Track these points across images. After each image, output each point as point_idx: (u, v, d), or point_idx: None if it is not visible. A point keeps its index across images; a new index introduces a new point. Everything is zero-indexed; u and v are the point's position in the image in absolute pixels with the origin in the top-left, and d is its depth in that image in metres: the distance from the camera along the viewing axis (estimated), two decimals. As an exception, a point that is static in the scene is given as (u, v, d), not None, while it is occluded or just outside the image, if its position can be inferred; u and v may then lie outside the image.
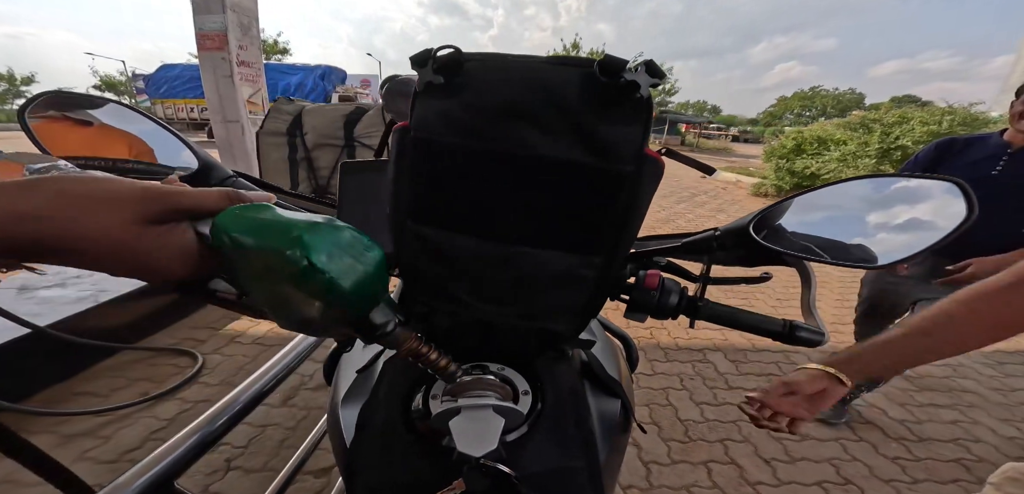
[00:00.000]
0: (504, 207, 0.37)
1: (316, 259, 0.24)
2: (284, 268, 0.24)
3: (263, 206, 0.27)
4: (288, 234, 0.25)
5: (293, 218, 0.26)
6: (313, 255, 0.24)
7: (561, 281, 0.39)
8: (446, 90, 0.35)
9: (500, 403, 0.40)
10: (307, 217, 0.27)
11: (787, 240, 0.44)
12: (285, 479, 0.97)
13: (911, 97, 52.39)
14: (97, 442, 1.54)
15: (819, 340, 0.44)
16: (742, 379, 2.10)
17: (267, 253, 0.25)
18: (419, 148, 0.37)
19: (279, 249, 0.24)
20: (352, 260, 0.26)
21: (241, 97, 4.09)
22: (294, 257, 0.24)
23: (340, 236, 0.26)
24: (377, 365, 0.57)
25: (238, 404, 0.67)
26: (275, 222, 0.26)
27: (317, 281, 0.24)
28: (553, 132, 0.34)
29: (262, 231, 0.25)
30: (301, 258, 0.24)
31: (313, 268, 0.24)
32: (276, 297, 0.27)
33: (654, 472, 1.54)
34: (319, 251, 0.25)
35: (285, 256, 0.24)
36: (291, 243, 0.24)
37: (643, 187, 0.36)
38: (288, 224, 0.25)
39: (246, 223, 0.26)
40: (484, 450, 0.35)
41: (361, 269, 0.26)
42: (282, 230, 0.25)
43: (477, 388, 0.41)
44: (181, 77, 16.38)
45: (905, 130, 6.43)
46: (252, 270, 0.26)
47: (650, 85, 0.32)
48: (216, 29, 3.82)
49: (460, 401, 0.40)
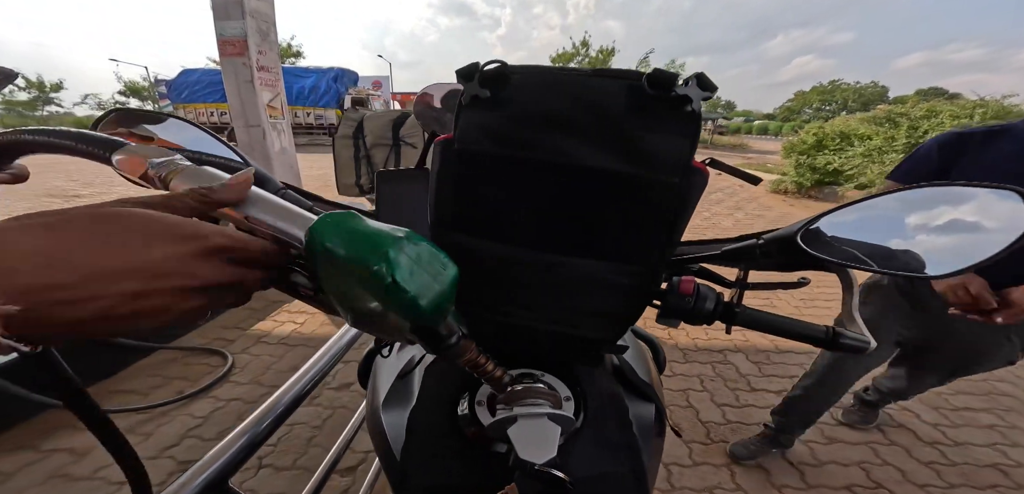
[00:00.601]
0: (549, 217, 0.37)
1: (400, 277, 0.25)
2: (369, 280, 0.25)
3: (351, 215, 0.28)
4: (376, 249, 0.26)
5: (380, 231, 0.27)
6: (398, 273, 0.25)
7: (603, 289, 0.40)
8: (491, 103, 0.36)
9: (554, 411, 0.41)
10: (391, 230, 0.27)
11: (831, 247, 0.43)
12: (321, 478, 1.00)
13: (938, 90, 50.37)
14: (139, 438, 1.63)
15: (864, 346, 0.44)
16: (765, 380, 2.07)
17: (355, 264, 0.26)
18: (464, 160, 0.38)
19: (366, 263, 0.25)
20: (430, 278, 0.27)
21: (262, 102, 4.18)
22: (380, 273, 0.25)
23: (421, 252, 0.27)
24: (415, 371, 0.58)
25: (281, 406, 0.69)
26: (365, 234, 0.27)
27: (398, 298, 0.25)
28: (600, 143, 0.34)
29: (353, 242, 0.26)
30: (386, 275, 0.25)
31: (396, 285, 0.25)
32: (354, 301, 0.28)
33: (675, 474, 1.53)
34: (403, 269, 0.25)
35: (372, 271, 0.25)
36: (379, 258, 0.25)
37: (689, 198, 0.36)
38: (376, 238, 0.26)
39: (339, 233, 0.27)
40: (545, 457, 0.36)
41: (437, 287, 0.27)
42: (371, 244, 0.26)
43: (529, 397, 0.42)
44: (201, 82, 16.57)
45: (934, 124, 6.19)
46: (337, 276, 0.27)
47: (702, 98, 0.33)
48: (236, 35, 3.90)
49: (516, 409, 0.41)
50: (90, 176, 7.72)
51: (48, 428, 1.62)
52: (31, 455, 1.53)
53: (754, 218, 5.77)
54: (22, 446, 1.55)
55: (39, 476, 1.46)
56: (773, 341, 2.40)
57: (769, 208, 6.55)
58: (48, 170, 8.09)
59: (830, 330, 0.45)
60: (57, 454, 1.54)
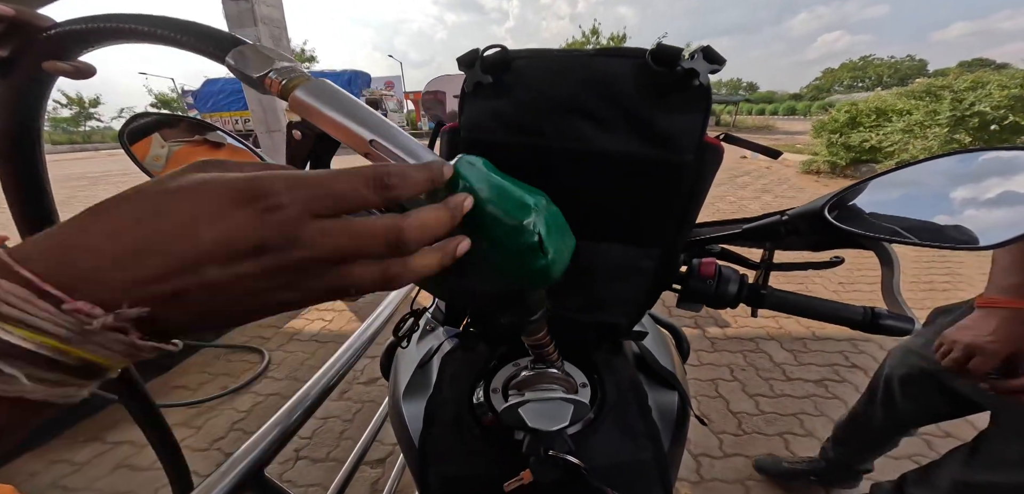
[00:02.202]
0: (563, 202, 0.37)
1: (546, 240, 0.24)
2: (509, 237, 0.24)
3: (487, 164, 0.26)
4: (524, 205, 0.24)
5: (522, 186, 0.26)
6: (545, 234, 0.24)
7: (621, 273, 0.39)
8: (495, 89, 0.35)
9: (568, 397, 0.41)
10: (530, 189, 0.26)
11: (865, 222, 0.41)
12: (350, 470, 1.04)
13: (983, 61, 47.00)
14: (191, 432, 1.74)
15: (907, 328, 0.41)
16: (802, 370, 1.98)
17: (498, 216, 0.24)
18: (471, 149, 0.37)
19: (515, 219, 0.24)
20: (562, 241, 0.26)
21: (280, 107, 4.32)
22: (528, 230, 0.23)
23: (554, 215, 0.26)
24: (433, 361, 0.59)
25: (309, 399, 0.71)
26: (510, 188, 0.25)
27: (537, 261, 0.24)
28: (609, 125, 0.33)
29: (499, 192, 0.24)
30: (533, 234, 0.24)
31: (540, 246, 0.24)
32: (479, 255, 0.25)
33: (705, 465, 1.49)
34: (548, 231, 0.24)
35: (520, 228, 0.23)
36: (527, 214, 0.24)
37: (703, 175, 0.35)
38: (522, 194, 0.25)
39: (483, 180, 0.25)
40: (556, 426, 0.36)
41: (567, 253, 0.27)
42: (518, 199, 0.24)
43: (542, 382, 0.42)
44: (224, 91, 17.26)
45: (981, 95, 5.77)
46: (474, 223, 0.24)
47: (709, 71, 0.31)
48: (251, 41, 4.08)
49: (527, 394, 0.41)
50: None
51: (111, 422, 1.74)
52: (99, 446, 1.66)
53: (785, 201, 5.50)
54: (91, 439, 1.68)
55: (107, 467, 1.57)
56: (809, 327, 2.31)
57: (801, 189, 6.27)
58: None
59: (869, 312, 0.42)
60: (121, 446, 1.66)
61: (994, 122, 5.58)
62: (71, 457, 1.60)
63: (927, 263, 3.19)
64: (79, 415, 1.74)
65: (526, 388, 0.42)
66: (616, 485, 0.38)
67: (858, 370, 1.96)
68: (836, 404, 1.74)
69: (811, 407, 1.74)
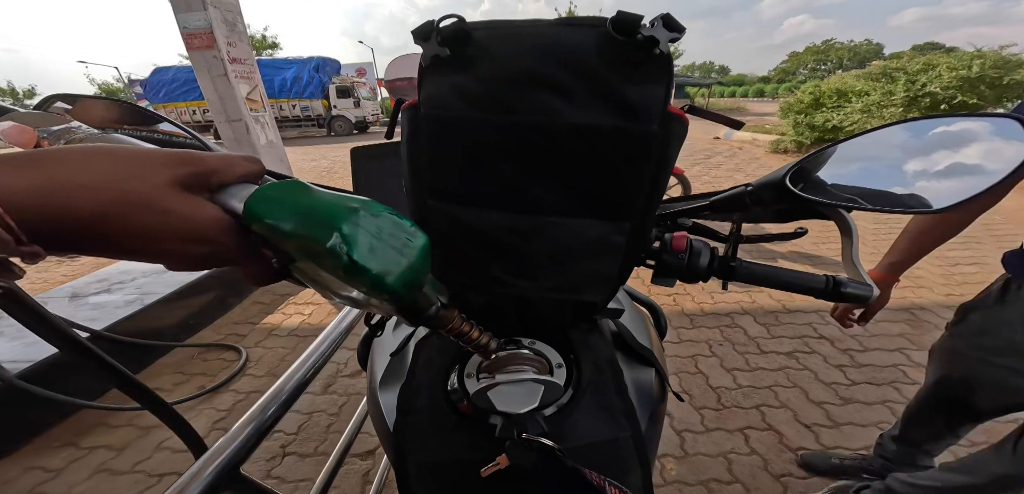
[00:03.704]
0: (530, 178, 0.36)
1: (359, 256, 0.23)
2: (325, 260, 0.23)
3: (297, 185, 0.25)
4: (328, 225, 0.23)
5: (331, 202, 0.24)
6: (355, 251, 0.23)
7: (592, 249, 0.39)
8: (455, 63, 0.33)
9: (538, 377, 0.40)
10: (346, 201, 0.25)
11: (826, 191, 0.42)
12: (334, 463, 1.03)
13: (934, 45, 49.67)
14: (170, 433, 1.66)
15: (867, 294, 0.42)
16: (775, 342, 2.09)
17: (305, 241, 0.23)
18: (433, 125, 0.36)
19: (319, 242, 0.23)
20: (395, 251, 0.25)
21: (240, 95, 4.10)
22: (336, 250, 0.23)
23: (382, 224, 0.25)
24: (409, 347, 0.57)
25: (284, 393, 0.69)
26: (312, 208, 0.24)
27: (361, 277, 0.23)
28: (573, 97, 0.32)
29: (299, 217, 0.23)
30: (342, 254, 0.23)
31: (355, 265, 0.23)
32: (318, 280, 0.26)
33: (688, 441, 1.54)
34: (361, 245, 0.23)
35: (326, 250, 0.23)
36: (330, 235, 0.23)
37: (669, 146, 0.35)
38: (327, 211, 0.24)
39: (281, 207, 0.24)
40: (525, 408, 0.36)
41: (405, 261, 0.25)
42: (321, 219, 0.23)
43: (513, 363, 0.41)
44: (177, 80, 16.13)
45: (932, 76, 6.14)
46: (290, 254, 0.25)
47: (669, 40, 0.31)
48: (201, 27, 3.78)
49: (498, 377, 0.40)
50: None
51: (84, 428, 1.68)
52: (74, 451, 1.59)
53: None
54: (64, 444, 1.61)
55: (85, 472, 1.52)
56: (780, 301, 2.43)
57: (770, 168, 6.48)
58: None
59: (831, 280, 0.44)
60: (97, 451, 1.60)
61: (944, 102, 5.95)
62: (46, 464, 1.54)
63: (886, 236, 3.39)
64: (48, 422, 1.67)
65: (497, 370, 0.41)
66: (595, 465, 0.37)
67: (825, 341, 2.08)
68: (807, 375, 1.84)
69: (784, 379, 1.83)
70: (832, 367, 1.88)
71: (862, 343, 2.04)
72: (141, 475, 1.50)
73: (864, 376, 1.82)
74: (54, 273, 3.47)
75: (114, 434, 1.66)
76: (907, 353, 1.95)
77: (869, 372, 1.84)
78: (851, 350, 1.99)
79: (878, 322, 2.19)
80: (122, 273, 2.47)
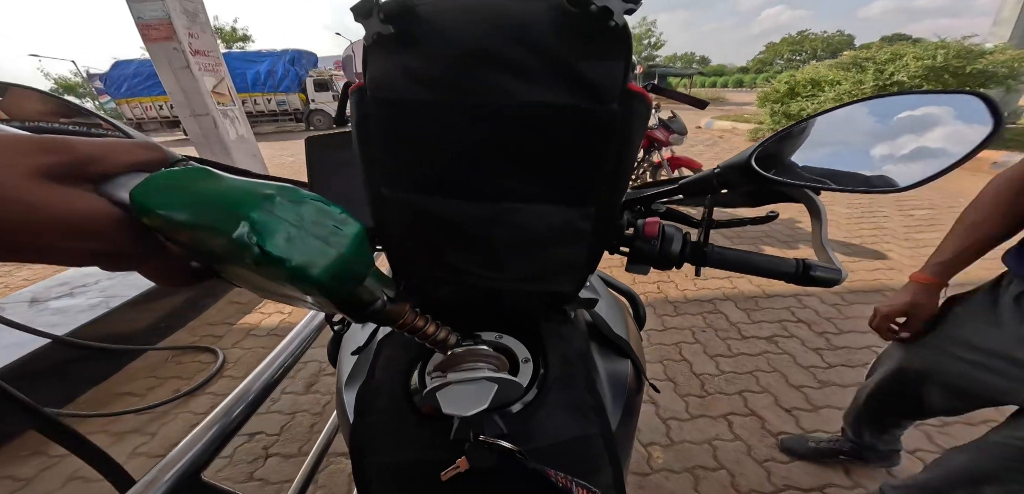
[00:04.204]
0: (487, 162, 0.34)
1: (272, 247, 0.20)
2: (233, 254, 0.20)
3: (199, 170, 0.22)
4: (233, 213, 0.20)
5: (239, 188, 0.22)
6: (268, 241, 0.20)
7: (557, 236, 0.37)
8: (400, 41, 0.31)
9: (495, 375, 0.37)
10: (258, 187, 0.22)
11: (794, 172, 0.42)
12: (312, 465, 1.01)
13: (902, 36, 51.55)
14: (145, 438, 1.63)
15: (835, 278, 0.42)
16: (755, 327, 2.14)
17: (207, 233, 0.20)
18: (381, 109, 0.34)
19: (223, 232, 0.20)
20: (320, 242, 0.22)
21: (205, 88, 3.94)
22: (243, 241, 0.20)
23: (302, 211, 0.22)
24: (374, 344, 0.55)
25: (250, 395, 0.67)
26: (215, 195, 0.21)
27: (277, 270, 0.21)
28: (528, 75, 0.30)
29: (198, 206, 0.21)
30: (251, 245, 0.20)
31: (269, 256, 0.20)
32: (244, 277, 0.23)
33: (674, 428, 1.56)
34: (274, 234, 0.21)
35: (233, 241, 0.20)
36: (237, 224, 0.20)
37: (632, 126, 0.33)
38: (233, 198, 0.21)
39: (175, 196, 0.21)
40: (474, 409, 0.33)
41: (333, 251, 0.23)
42: (225, 207, 0.21)
43: (468, 360, 0.38)
44: (140, 74, 15.46)
45: (899, 66, 6.37)
46: (196, 249, 0.22)
47: (625, 11, 0.29)
48: (158, 17, 3.60)
49: (450, 375, 0.37)
50: None
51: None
52: (45, 460, 1.54)
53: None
54: (33, 453, 1.56)
55: (58, 480, 1.47)
56: (759, 286, 2.49)
57: (747, 159, 6.67)
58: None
59: (801, 264, 0.44)
60: (69, 458, 1.55)
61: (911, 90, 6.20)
62: (15, 473, 1.48)
63: (857, 219, 3.51)
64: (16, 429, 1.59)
65: (451, 368, 0.38)
66: (561, 464, 0.36)
67: (803, 324, 2.14)
68: (786, 359, 1.90)
69: (764, 364, 1.88)
70: (809, 351, 1.94)
71: (837, 326, 2.11)
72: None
73: (840, 358, 1.88)
74: (15, 277, 3.30)
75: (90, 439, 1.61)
76: (879, 334, 2.03)
77: (844, 355, 1.91)
78: (827, 332, 2.06)
79: (850, 304, 2.27)
80: (85, 275, 2.35)
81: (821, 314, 2.21)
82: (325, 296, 0.23)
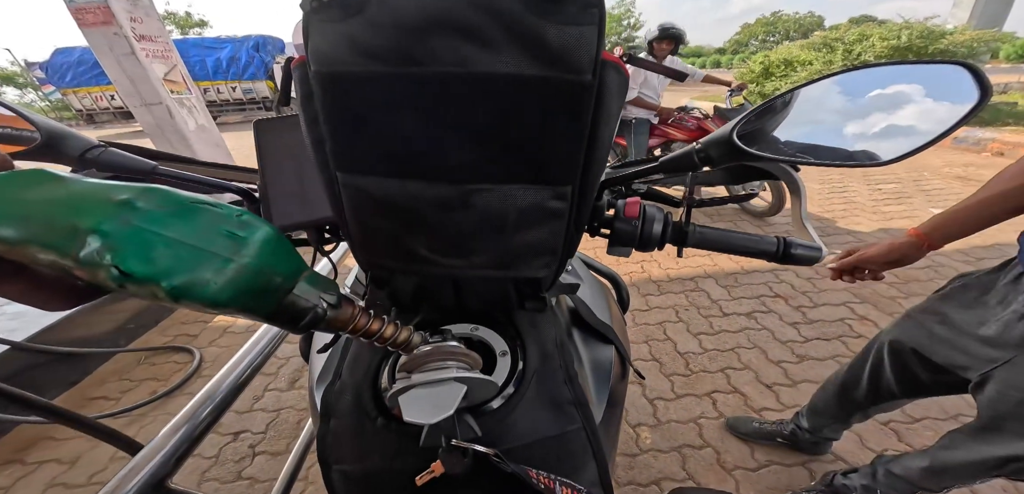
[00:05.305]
0: (450, 140, 0.31)
1: (134, 265, 0.16)
2: (92, 276, 0.17)
3: (39, 174, 0.18)
4: (70, 223, 0.16)
5: (89, 193, 0.17)
6: (127, 259, 0.16)
7: (528, 219, 0.35)
8: (343, 8, 0.28)
9: (464, 375, 0.35)
10: (112, 189, 0.18)
11: (777, 147, 0.40)
12: (294, 463, 0.99)
13: (868, 16, 53.00)
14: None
15: (816, 256, 0.42)
16: (736, 304, 2.20)
17: (44, 252, 0.16)
18: (326, 84, 0.30)
19: (64, 252, 0.16)
20: (210, 254, 0.19)
21: (155, 76, 3.65)
22: (93, 261, 0.16)
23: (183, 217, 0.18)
24: (342, 339, 0.52)
25: (217, 396, 0.64)
26: (48, 203, 0.17)
27: (151, 290, 0.17)
28: (492, 43, 0.27)
29: (31, 220, 0.17)
30: (104, 265, 0.16)
31: (129, 277, 0.16)
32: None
33: (660, 408, 1.59)
34: (137, 249, 0.17)
35: (80, 262, 0.16)
36: (80, 243, 0.16)
37: (608, 98, 0.31)
38: (78, 208, 0.17)
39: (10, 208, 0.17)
40: (440, 415, 0.31)
41: (233, 263, 0.19)
42: (58, 217, 0.17)
43: (436, 359, 0.35)
44: (85, 61, 14.40)
45: (866, 46, 6.63)
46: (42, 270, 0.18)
47: None
48: (92, 1, 3.28)
49: (414, 377, 0.34)
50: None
51: (25, 442, 1.56)
52: (20, 468, 1.48)
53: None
54: (7, 461, 1.50)
55: (37, 488, 1.42)
56: (739, 263, 2.56)
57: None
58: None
59: (781, 241, 0.44)
60: (46, 465, 1.49)
61: (878, 70, 6.46)
62: None
63: (828, 195, 3.64)
64: None
65: (415, 368, 0.35)
66: (543, 463, 0.35)
67: (780, 299, 2.21)
68: (765, 335, 1.96)
69: (745, 341, 1.94)
70: (787, 325, 2.01)
71: (812, 299, 2.19)
72: (97, 486, 1.41)
73: (816, 332, 1.96)
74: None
75: (63, 447, 1.54)
76: (851, 307, 2.12)
77: (820, 328, 1.98)
78: (803, 307, 2.14)
79: (823, 277, 2.36)
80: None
81: (797, 289, 2.29)
82: (239, 314, 0.20)
